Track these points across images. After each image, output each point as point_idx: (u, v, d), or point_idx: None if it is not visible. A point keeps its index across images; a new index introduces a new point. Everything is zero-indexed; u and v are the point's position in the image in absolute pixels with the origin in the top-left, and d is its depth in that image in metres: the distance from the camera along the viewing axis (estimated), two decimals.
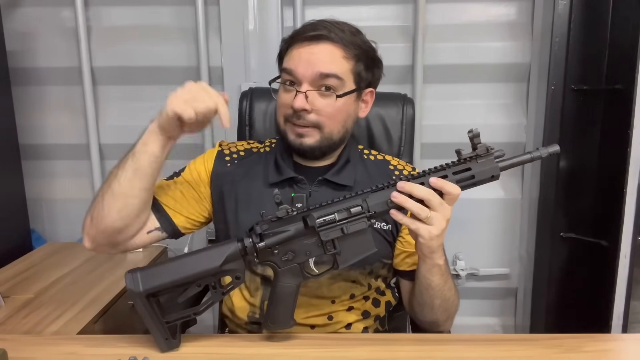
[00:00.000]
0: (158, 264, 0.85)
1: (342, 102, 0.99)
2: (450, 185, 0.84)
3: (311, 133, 0.99)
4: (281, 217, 0.84)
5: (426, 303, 0.97)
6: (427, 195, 0.83)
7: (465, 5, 1.80)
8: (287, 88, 1.00)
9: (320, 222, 0.83)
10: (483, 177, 0.86)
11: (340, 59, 0.98)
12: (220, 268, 0.83)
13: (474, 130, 0.85)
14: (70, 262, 1.57)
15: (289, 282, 0.86)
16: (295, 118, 0.98)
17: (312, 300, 1.01)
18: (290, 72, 0.99)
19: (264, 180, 1.05)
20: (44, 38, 1.87)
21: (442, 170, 0.86)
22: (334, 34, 0.98)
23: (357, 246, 0.85)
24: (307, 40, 0.99)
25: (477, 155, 0.86)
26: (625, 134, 1.51)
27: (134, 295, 0.81)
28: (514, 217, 1.93)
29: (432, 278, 0.92)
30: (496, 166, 0.86)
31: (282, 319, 0.87)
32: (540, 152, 0.87)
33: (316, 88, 0.97)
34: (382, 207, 0.85)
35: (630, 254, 1.57)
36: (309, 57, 0.97)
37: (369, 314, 1.06)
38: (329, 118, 0.99)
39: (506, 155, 0.88)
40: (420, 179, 0.85)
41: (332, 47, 0.98)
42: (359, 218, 0.84)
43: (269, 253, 0.85)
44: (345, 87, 0.99)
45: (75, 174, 1.97)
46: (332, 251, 0.85)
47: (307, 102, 0.97)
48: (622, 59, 1.55)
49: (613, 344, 0.93)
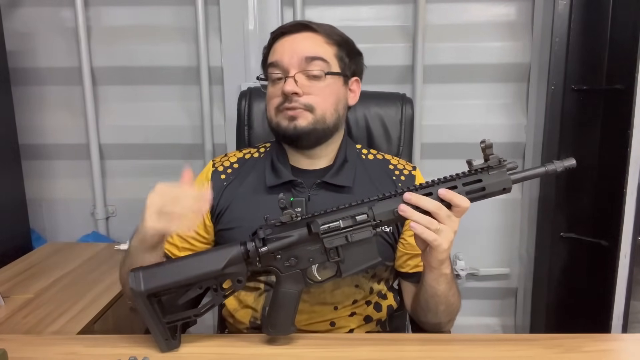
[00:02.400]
0: (160, 264, 0.85)
1: (331, 83, 1.01)
2: (459, 197, 0.82)
3: (304, 115, 0.99)
4: (285, 222, 0.83)
5: (430, 310, 0.97)
6: (434, 208, 0.81)
7: (465, 5, 1.80)
8: (276, 82, 1.01)
9: (324, 228, 0.82)
10: (494, 190, 0.83)
11: (322, 44, 1.01)
12: (222, 271, 0.83)
13: (486, 141, 0.81)
14: (70, 262, 1.57)
15: (290, 288, 0.85)
16: (287, 103, 0.99)
17: (314, 307, 1.01)
18: (276, 64, 1.00)
19: (261, 185, 1.04)
20: (44, 38, 1.87)
21: (452, 180, 0.84)
22: (314, 25, 1.01)
23: (361, 255, 0.84)
24: (287, 33, 1.01)
25: (489, 166, 0.83)
26: (625, 134, 1.51)
27: (136, 295, 0.81)
28: (514, 217, 1.93)
29: (438, 287, 0.92)
30: (508, 179, 0.83)
31: (283, 324, 0.86)
32: (555, 165, 0.84)
33: (303, 72, 0.99)
34: (388, 217, 0.83)
35: (630, 254, 1.57)
36: (292, 46, 1.00)
37: (371, 318, 1.05)
38: (322, 99, 1.00)
39: (519, 168, 0.85)
40: (428, 189, 0.83)
41: (313, 34, 1.01)
42: (364, 226, 0.83)
43: (271, 258, 0.84)
44: (331, 69, 1.01)
45: (75, 174, 1.97)
46: (335, 259, 0.83)
47: (297, 85, 0.98)
48: (622, 59, 1.55)
49: (613, 344, 0.93)
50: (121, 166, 1.96)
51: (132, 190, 1.95)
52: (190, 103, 1.88)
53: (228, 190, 1.05)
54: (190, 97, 1.88)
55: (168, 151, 1.91)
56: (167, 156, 1.92)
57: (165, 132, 1.90)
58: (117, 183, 1.97)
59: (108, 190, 1.97)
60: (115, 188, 1.97)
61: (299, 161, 1.06)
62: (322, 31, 1.01)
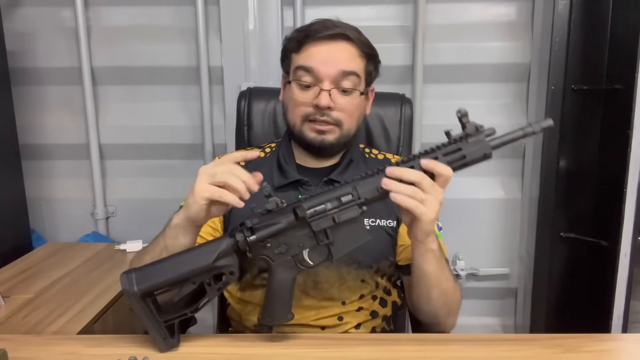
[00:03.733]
0: (152, 263, 0.85)
1: (359, 99, 1.01)
2: (441, 166, 0.82)
3: (333, 130, 1.00)
4: (271, 209, 0.83)
5: (423, 294, 0.95)
6: (417, 178, 0.81)
7: (465, 5, 1.80)
8: (305, 87, 1.00)
9: (311, 212, 0.82)
10: (475, 157, 0.83)
11: (357, 57, 1.01)
12: (213, 264, 0.82)
13: (462, 109, 0.82)
14: (70, 262, 1.57)
15: (284, 276, 0.85)
16: (318, 116, 0.99)
17: (322, 303, 1.01)
18: (310, 69, 0.99)
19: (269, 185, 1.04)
20: (44, 38, 1.87)
21: (432, 152, 0.84)
22: (350, 32, 1.00)
23: (350, 235, 0.84)
24: (324, 39, 0.99)
25: (467, 134, 0.83)
26: (625, 134, 1.51)
27: (130, 296, 0.81)
28: (514, 217, 1.93)
29: (426, 265, 0.90)
30: (487, 144, 0.83)
31: (280, 312, 0.86)
32: (533, 127, 0.84)
33: (336, 86, 0.99)
34: (372, 194, 0.83)
35: (630, 254, 1.57)
36: (329, 55, 0.99)
37: (377, 314, 1.06)
38: (349, 115, 1.01)
39: (497, 134, 0.84)
40: (410, 163, 0.84)
41: (350, 45, 1.00)
42: (350, 206, 0.83)
43: (261, 247, 0.84)
44: (361, 84, 1.01)
45: (75, 174, 1.97)
46: (325, 241, 0.83)
47: (331, 99, 0.98)
48: (622, 59, 1.55)
49: (613, 344, 0.93)
50: (121, 166, 1.96)
51: (132, 190, 1.95)
52: (190, 103, 1.88)
53: None
54: (190, 97, 1.88)
55: (168, 151, 1.91)
56: (167, 156, 1.92)
57: (165, 132, 1.90)
58: (117, 183, 1.97)
59: (108, 190, 1.97)
60: (115, 188, 1.97)
61: (306, 160, 1.07)
62: (358, 42, 1.00)
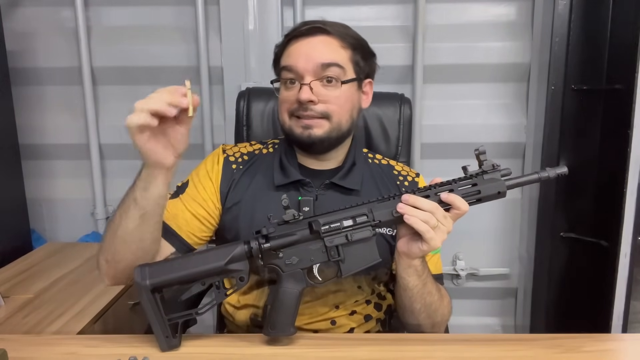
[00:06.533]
0: (166, 260, 0.87)
1: (346, 89, 1.00)
2: (460, 200, 0.85)
3: (320, 124, 0.99)
4: (288, 220, 0.85)
5: (406, 306, 0.96)
6: (431, 208, 0.84)
7: (465, 5, 1.80)
8: (289, 86, 1.00)
9: (325, 228, 0.85)
10: (489, 193, 0.87)
11: (338, 48, 0.99)
12: (224, 267, 0.84)
13: (480, 148, 0.87)
14: (70, 262, 1.57)
15: (291, 287, 0.86)
16: (302, 111, 0.98)
17: (316, 307, 1.01)
18: (290, 68, 0.99)
19: (269, 183, 1.04)
20: (44, 38, 1.87)
21: (449, 185, 0.88)
22: (328, 27, 0.99)
23: (361, 255, 0.86)
24: (302, 36, 0.99)
25: (484, 171, 0.88)
26: (625, 134, 1.51)
27: (141, 289, 0.82)
28: (514, 217, 1.93)
29: (408, 279, 0.92)
30: (502, 183, 0.87)
31: (282, 324, 0.86)
32: (548, 172, 0.89)
33: (319, 79, 0.98)
34: (387, 217, 0.86)
35: (630, 254, 1.57)
36: (307, 50, 0.98)
37: (371, 317, 1.06)
38: (338, 107, 0.99)
39: (513, 175, 0.89)
40: (426, 192, 0.87)
41: (329, 38, 0.99)
42: (363, 226, 0.85)
43: (273, 256, 0.86)
44: (346, 75, 1.00)
45: (75, 174, 1.97)
46: (336, 258, 0.85)
47: (312, 93, 0.97)
48: (622, 59, 1.55)
49: (613, 344, 0.93)
50: (121, 166, 1.96)
51: None
52: None
53: (239, 185, 1.05)
54: None
55: None
56: None
57: None
58: (117, 183, 1.97)
59: (108, 190, 1.97)
60: (115, 188, 1.97)
61: (308, 161, 1.06)
62: (337, 34, 0.99)
